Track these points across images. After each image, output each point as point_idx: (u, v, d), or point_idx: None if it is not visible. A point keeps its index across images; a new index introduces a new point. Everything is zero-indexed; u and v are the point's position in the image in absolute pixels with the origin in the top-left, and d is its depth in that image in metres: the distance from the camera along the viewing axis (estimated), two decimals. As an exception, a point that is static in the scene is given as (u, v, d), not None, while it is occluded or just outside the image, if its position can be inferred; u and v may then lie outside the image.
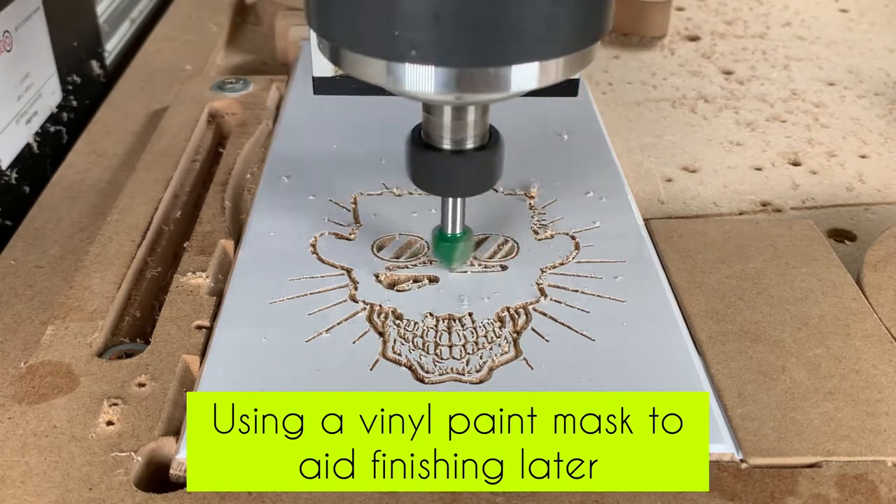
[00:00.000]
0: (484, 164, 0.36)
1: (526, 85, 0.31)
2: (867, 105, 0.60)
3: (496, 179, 0.37)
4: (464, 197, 0.37)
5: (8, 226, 0.46)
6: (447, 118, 0.34)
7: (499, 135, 0.36)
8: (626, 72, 0.64)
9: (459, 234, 0.38)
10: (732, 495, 0.29)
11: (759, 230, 0.43)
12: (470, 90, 0.30)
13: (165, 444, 0.31)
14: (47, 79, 0.51)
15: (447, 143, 0.35)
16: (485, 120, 0.35)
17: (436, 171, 0.36)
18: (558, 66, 0.31)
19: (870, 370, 0.34)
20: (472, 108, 0.34)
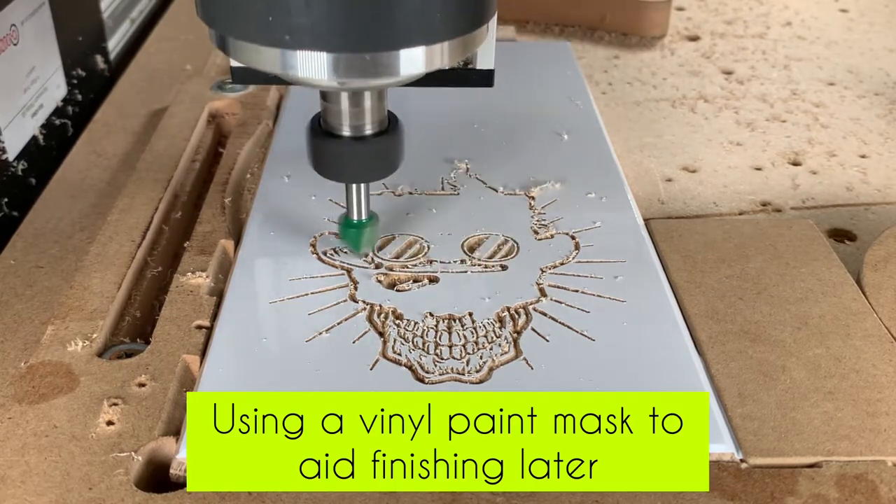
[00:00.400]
0: (384, 150, 0.36)
1: (410, 70, 0.31)
2: (867, 105, 0.60)
3: (397, 165, 0.37)
4: (366, 182, 0.38)
5: (14, 217, 0.46)
6: (345, 105, 0.35)
7: (398, 120, 0.37)
8: (626, 72, 0.64)
9: (365, 219, 0.39)
10: (732, 495, 0.29)
11: (759, 230, 0.43)
12: (351, 76, 0.31)
13: (165, 444, 0.31)
14: (53, 72, 0.52)
15: (346, 129, 0.35)
16: (382, 106, 0.36)
17: (337, 158, 0.36)
18: (443, 52, 0.31)
19: (870, 370, 0.34)
20: (367, 94, 0.35)
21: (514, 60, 0.59)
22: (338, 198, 0.44)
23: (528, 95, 0.55)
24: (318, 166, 0.37)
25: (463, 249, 0.40)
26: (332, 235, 0.41)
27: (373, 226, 0.39)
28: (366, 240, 0.39)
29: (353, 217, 0.39)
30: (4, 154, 0.47)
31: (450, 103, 0.53)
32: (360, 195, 0.38)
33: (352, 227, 0.39)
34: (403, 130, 0.37)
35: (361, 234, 0.39)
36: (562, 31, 0.71)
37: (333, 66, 0.30)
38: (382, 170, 0.37)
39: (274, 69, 0.31)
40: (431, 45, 0.31)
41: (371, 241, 0.40)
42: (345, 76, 0.31)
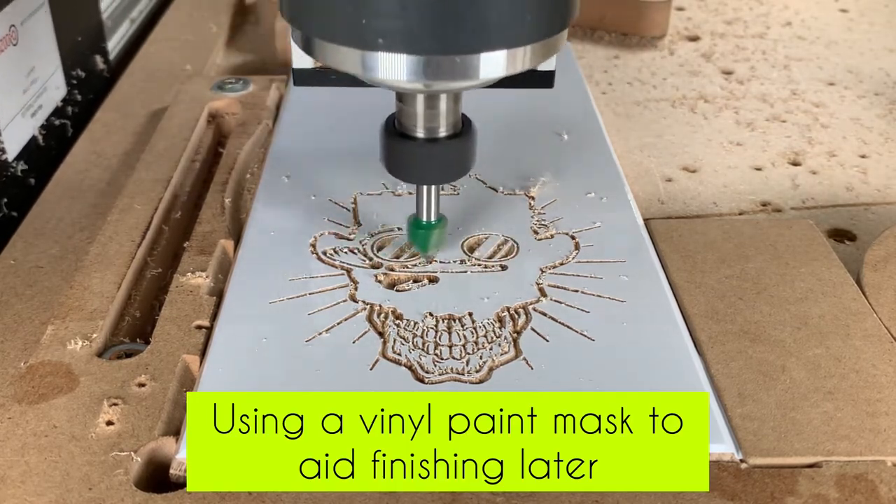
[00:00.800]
0: (457, 152, 0.36)
1: (493, 73, 0.31)
2: (867, 105, 0.60)
3: (469, 167, 0.38)
4: (438, 184, 0.38)
5: (14, 217, 0.46)
6: (420, 107, 0.35)
7: (471, 123, 0.37)
8: (626, 72, 0.64)
9: (434, 221, 0.39)
10: (732, 495, 0.29)
11: (759, 230, 0.42)
12: (437, 78, 0.31)
13: (165, 444, 0.31)
14: (52, 73, 0.52)
15: (420, 131, 0.36)
16: (457, 108, 0.36)
17: (410, 159, 0.37)
18: (525, 55, 0.32)
19: (870, 370, 0.34)
20: (443, 96, 0.35)
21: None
22: (337, 198, 0.44)
23: (527, 95, 0.54)
24: (390, 167, 0.37)
25: (463, 249, 0.40)
26: (331, 235, 0.41)
27: (441, 227, 0.39)
28: (434, 241, 0.39)
29: (422, 218, 0.39)
30: (4, 154, 0.47)
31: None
32: (430, 197, 0.38)
33: (421, 228, 0.39)
34: (476, 133, 0.37)
35: (430, 235, 0.39)
36: (562, 31, 0.71)
37: (424, 68, 0.31)
38: (454, 172, 0.37)
39: (358, 71, 0.32)
40: (515, 48, 0.31)
41: (439, 243, 0.40)
42: (431, 78, 0.31)
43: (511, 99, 0.54)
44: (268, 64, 0.65)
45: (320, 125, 0.51)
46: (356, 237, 0.41)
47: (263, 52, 0.67)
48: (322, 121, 0.51)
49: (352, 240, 0.41)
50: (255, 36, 0.70)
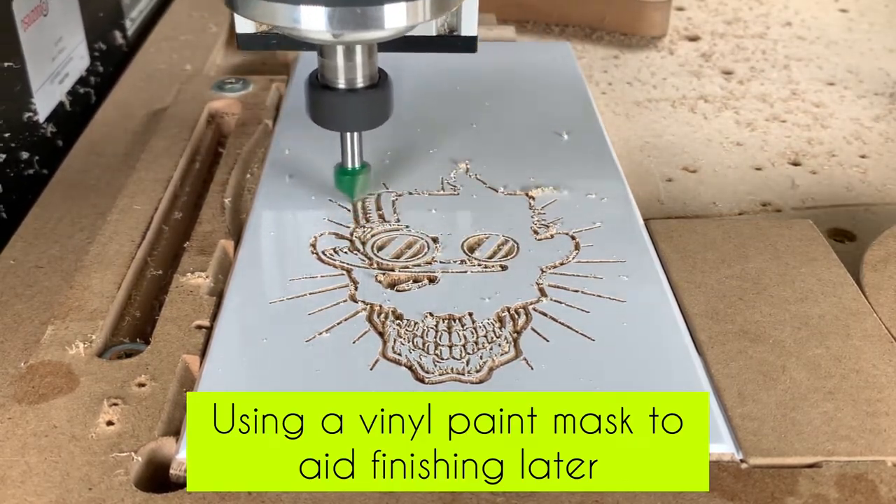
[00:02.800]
0: (374, 101, 0.40)
1: (397, 23, 0.35)
2: (867, 105, 0.60)
3: (387, 116, 0.41)
4: (359, 131, 0.41)
5: (44, 174, 0.50)
6: (339, 59, 0.39)
7: (387, 75, 0.41)
8: (626, 72, 0.64)
9: (358, 167, 0.42)
10: (732, 495, 0.29)
11: (759, 230, 0.42)
12: (345, 28, 0.35)
13: (165, 444, 0.31)
14: (77, 44, 0.56)
15: (341, 82, 0.39)
16: (373, 61, 0.40)
17: (332, 109, 0.40)
18: (425, 6, 0.35)
19: (870, 370, 0.34)
20: (359, 49, 0.39)
21: (514, 60, 0.59)
22: (337, 198, 0.44)
23: (528, 95, 0.55)
24: (315, 117, 0.41)
25: (463, 249, 0.40)
26: (331, 235, 0.41)
27: (365, 173, 0.43)
28: (359, 187, 0.43)
29: (347, 165, 0.42)
30: (36, 116, 0.50)
31: (449, 103, 0.53)
32: (353, 143, 0.42)
33: (346, 174, 0.42)
34: (392, 85, 0.41)
35: (356, 181, 0.43)
36: (562, 31, 0.71)
37: (329, 18, 0.34)
38: (373, 120, 0.41)
39: (279, 23, 0.35)
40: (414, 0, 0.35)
41: (363, 189, 0.43)
42: (338, 28, 0.35)
43: (511, 99, 0.54)
44: (268, 64, 0.65)
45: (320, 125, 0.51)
46: (356, 238, 0.41)
47: (263, 52, 0.66)
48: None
49: (352, 240, 0.41)
50: (255, 36, 0.70)
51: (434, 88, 0.55)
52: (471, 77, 0.56)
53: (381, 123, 0.41)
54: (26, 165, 0.49)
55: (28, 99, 0.49)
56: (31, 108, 0.50)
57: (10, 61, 0.48)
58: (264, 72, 0.63)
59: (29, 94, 0.49)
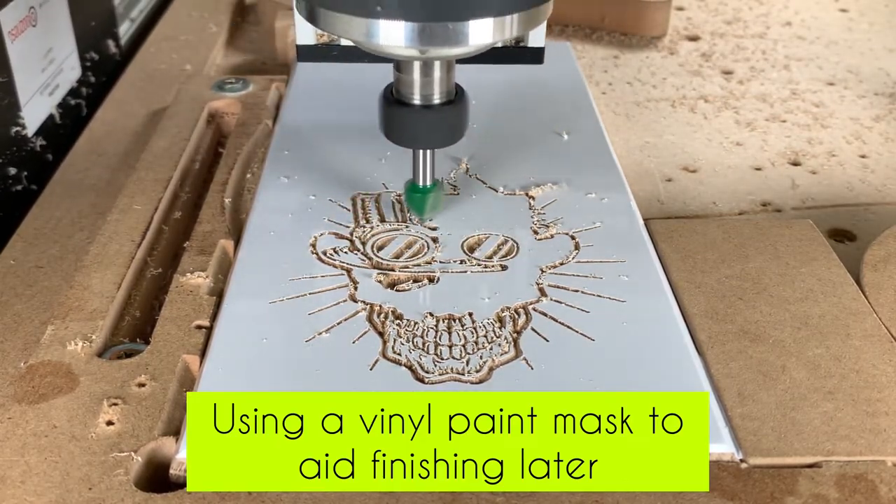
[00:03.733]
0: (450, 118, 0.39)
1: (482, 39, 0.34)
2: (867, 105, 0.60)
3: (462, 133, 0.40)
4: (433, 149, 0.40)
5: (33, 189, 0.48)
6: (416, 74, 0.38)
7: (464, 92, 0.40)
8: (626, 72, 0.64)
9: (430, 185, 0.41)
10: (732, 495, 0.29)
11: (759, 230, 0.42)
12: (431, 44, 0.34)
13: (165, 444, 0.31)
14: (68, 55, 0.55)
15: (417, 98, 0.38)
16: (450, 77, 0.39)
17: (406, 125, 0.39)
18: (512, 22, 0.34)
19: (870, 370, 0.34)
20: (437, 64, 0.38)
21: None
22: (337, 198, 0.44)
23: (527, 95, 0.55)
24: (388, 133, 0.40)
25: (463, 249, 0.40)
26: (331, 235, 0.41)
27: (437, 191, 0.42)
28: (430, 205, 0.42)
29: (419, 182, 0.41)
30: (24, 130, 0.49)
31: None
32: (426, 161, 0.41)
33: (417, 192, 0.41)
34: (469, 101, 0.40)
35: (426, 199, 0.42)
36: (562, 31, 0.71)
37: (419, 34, 0.34)
38: (449, 137, 0.40)
39: (359, 38, 0.34)
40: (502, 16, 0.34)
41: (435, 207, 0.42)
42: (426, 45, 0.34)
43: (511, 99, 0.54)
44: (268, 64, 0.65)
45: (320, 125, 0.51)
46: (356, 237, 0.41)
47: (263, 52, 0.67)
48: (322, 121, 0.51)
49: (352, 239, 0.41)
50: (255, 36, 0.70)
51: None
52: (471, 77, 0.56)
53: (455, 141, 0.40)
54: (14, 181, 0.48)
55: (16, 113, 0.48)
56: (19, 123, 0.48)
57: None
58: (264, 72, 0.63)
59: (17, 108, 0.48)
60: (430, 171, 0.41)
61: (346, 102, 0.53)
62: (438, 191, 0.42)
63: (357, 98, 0.54)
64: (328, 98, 0.54)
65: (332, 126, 0.51)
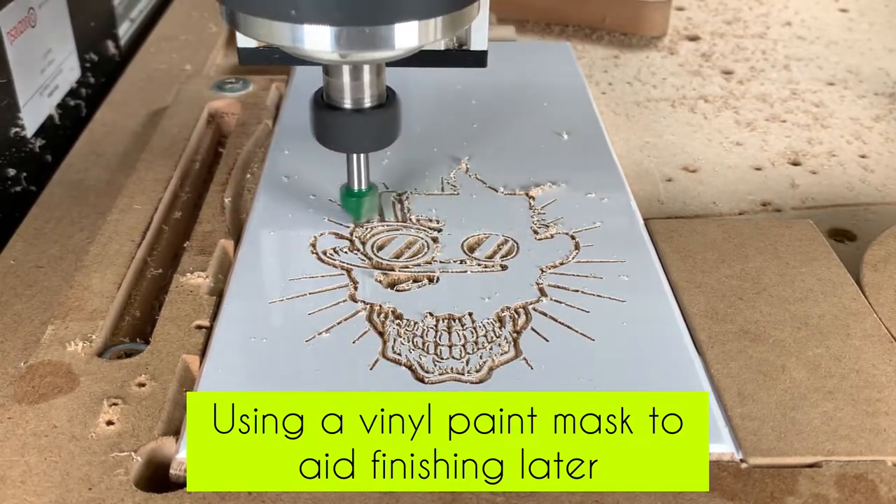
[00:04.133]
0: (382, 122, 0.39)
1: (407, 43, 0.33)
2: (867, 105, 0.60)
3: (395, 137, 0.40)
4: (365, 152, 0.40)
5: (32, 191, 0.48)
6: (346, 78, 0.37)
7: (395, 95, 0.39)
8: (626, 72, 0.64)
9: (365, 189, 0.41)
10: (732, 495, 0.29)
11: (759, 230, 0.42)
12: (352, 48, 0.33)
13: (165, 443, 0.31)
14: (67, 55, 0.54)
15: (347, 102, 0.38)
16: (381, 80, 0.38)
17: (338, 130, 0.39)
18: (437, 26, 0.34)
19: (870, 370, 0.34)
20: (366, 68, 0.37)
21: (514, 60, 0.59)
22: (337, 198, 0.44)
23: (528, 95, 0.55)
24: (320, 137, 0.39)
25: (463, 249, 0.40)
26: (331, 235, 0.41)
27: (372, 195, 0.42)
28: (366, 209, 0.42)
29: (353, 187, 0.41)
30: (23, 131, 0.49)
31: (449, 103, 0.53)
32: (360, 165, 0.40)
33: (352, 196, 0.41)
34: (401, 104, 0.39)
35: (362, 203, 0.41)
36: (562, 31, 0.71)
37: (336, 38, 0.32)
38: (381, 141, 0.39)
39: (282, 42, 0.33)
40: (425, 19, 0.33)
41: (371, 210, 0.42)
42: (346, 48, 0.33)
43: (511, 99, 0.54)
44: (268, 64, 0.65)
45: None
46: (356, 237, 0.41)
47: (264, 52, 0.66)
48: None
49: (352, 239, 0.41)
50: (255, 36, 0.70)
51: (434, 88, 0.55)
52: (471, 77, 0.56)
53: (388, 145, 0.40)
54: (13, 183, 0.48)
55: (15, 114, 0.48)
56: (18, 124, 0.48)
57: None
58: (264, 72, 0.63)
59: (16, 109, 0.48)
60: (365, 174, 0.41)
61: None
62: (374, 194, 0.42)
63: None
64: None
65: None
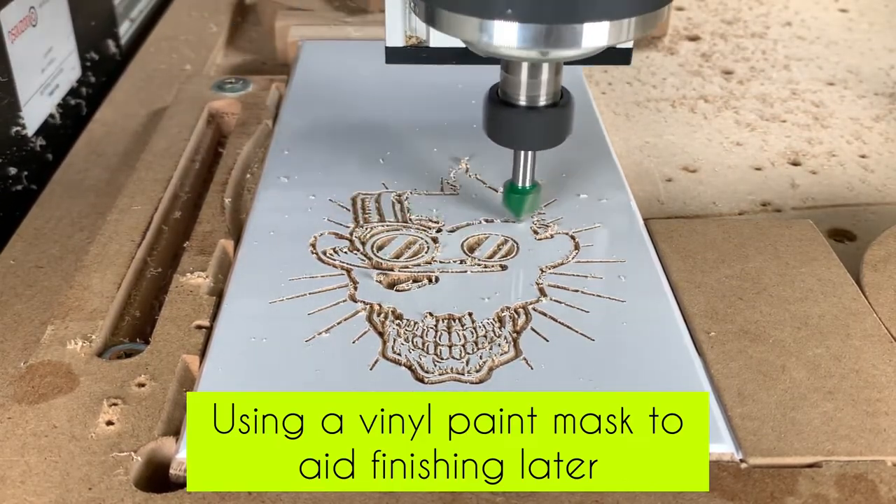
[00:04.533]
0: (555, 121, 0.39)
1: (600, 41, 0.34)
2: (867, 105, 0.60)
3: (565, 136, 0.40)
4: (535, 150, 0.40)
5: (33, 189, 0.49)
6: (524, 76, 0.37)
7: (570, 95, 0.39)
8: (626, 72, 0.64)
9: (529, 186, 0.41)
10: (732, 495, 0.29)
11: (759, 230, 0.42)
12: (553, 46, 0.34)
13: (165, 444, 0.31)
14: (68, 55, 0.55)
15: (523, 99, 0.38)
16: (557, 79, 0.38)
17: (510, 126, 0.39)
18: (630, 25, 0.34)
19: (870, 370, 0.34)
20: (545, 66, 0.37)
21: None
22: (337, 198, 0.44)
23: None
24: (491, 132, 0.40)
25: (463, 249, 0.40)
26: (331, 235, 0.41)
27: (535, 193, 0.42)
28: (528, 206, 0.42)
29: (518, 183, 0.41)
30: (24, 130, 0.49)
31: (450, 103, 0.53)
32: (527, 162, 0.40)
33: (516, 192, 0.41)
34: (573, 104, 0.39)
35: (525, 200, 0.41)
36: (562, 31, 0.71)
37: (543, 36, 0.33)
38: (551, 140, 0.40)
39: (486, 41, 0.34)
40: (619, 20, 0.34)
41: (532, 208, 0.42)
42: (548, 46, 0.34)
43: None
44: (268, 64, 0.65)
45: (320, 125, 0.51)
46: (356, 237, 0.41)
47: (263, 52, 0.67)
48: (322, 121, 0.51)
49: (352, 239, 0.41)
50: (255, 36, 0.70)
51: (434, 88, 0.55)
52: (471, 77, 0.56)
53: (557, 144, 0.40)
54: (14, 181, 0.48)
55: (16, 113, 0.48)
56: (19, 123, 0.48)
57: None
58: (264, 72, 0.63)
59: (17, 108, 0.48)
60: (531, 172, 0.41)
61: (347, 102, 0.53)
62: (537, 192, 0.42)
63: (357, 98, 0.54)
64: (328, 98, 0.54)
65: (332, 126, 0.51)
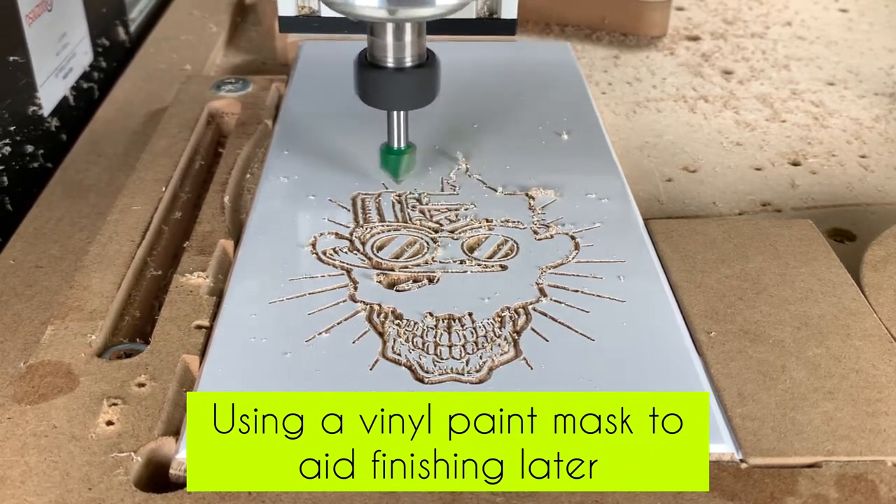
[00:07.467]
0: (422, 80, 0.41)
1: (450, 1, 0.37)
2: (867, 105, 0.60)
3: (434, 96, 0.42)
4: (406, 110, 0.42)
5: (48, 168, 0.51)
6: (389, 38, 0.40)
7: (435, 55, 0.41)
8: (626, 72, 0.64)
9: (404, 147, 0.43)
10: (732, 495, 0.29)
11: (759, 230, 0.42)
12: (400, 4, 0.36)
13: (165, 444, 0.31)
14: (80, 39, 0.57)
15: (390, 61, 0.40)
16: (421, 41, 0.40)
17: (380, 87, 0.41)
18: None
19: (870, 370, 0.34)
20: (408, 28, 0.39)
21: (514, 60, 0.59)
22: (337, 198, 0.44)
23: (528, 95, 0.55)
24: (363, 95, 0.42)
25: (463, 249, 0.40)
26: (331, 235, 0.41)
27: (410, 153, 0.44)
28: (404, 167, 0.44)
29: (393, 144, 0.43)
30: (41, 110, 0.50)
31: (450, 103, 0.53)
32: (399, 123, 0.43)
33: (392, 153, 0.43)
34: (440, 64, 0.42)
35: (401, 160, 0.43)
36: (562, 31, 0.71)
37: None
38: (421, 99, 0.42)
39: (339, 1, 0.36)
40: None
41: (408, 169, 0.44)
42: (395, 4, 0.36)
43: (511, 99, 0.54)
44: (268, 64, 0.65)
45: (320, 125, 0.51)
46: (356, 237, 0.41)
47: (263, 52, 0.67)
48: (322, 121, 0.51)
49: (352, 239, 0.41)
50: (255, 36, 0.70)
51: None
52: (471, 76, 0.56)
53: (427, 103, 0.42)
54: (31, 159, 0.50)
55: (33, 93, 0.50)
56: (35, 102, 0.50)
57: (16, 55, 0.48)
58: (264, 72, 0.63)
59: (34, 89, 0.50)
60: (405, 132, 0.43)
61: (346, 103, 0.53)
62: (412, 153, 0.44)
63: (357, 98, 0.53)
64: (328, 98, 0.54)
65: (332, 126, 0.51)
